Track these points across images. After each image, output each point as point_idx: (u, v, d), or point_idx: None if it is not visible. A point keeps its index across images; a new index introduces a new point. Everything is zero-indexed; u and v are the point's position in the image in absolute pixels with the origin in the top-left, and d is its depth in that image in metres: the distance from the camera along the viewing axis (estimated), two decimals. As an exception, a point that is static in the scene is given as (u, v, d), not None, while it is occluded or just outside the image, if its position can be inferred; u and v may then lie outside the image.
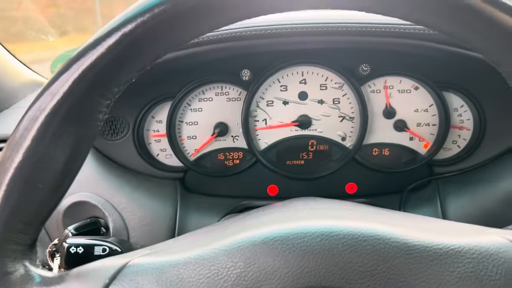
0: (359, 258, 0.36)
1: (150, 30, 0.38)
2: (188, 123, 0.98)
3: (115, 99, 0.41)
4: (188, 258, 0.38)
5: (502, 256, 0.37)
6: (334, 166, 0.97)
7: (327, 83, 0.94)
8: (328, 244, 0.37)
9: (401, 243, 0.37)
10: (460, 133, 0.96)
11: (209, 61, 0.88)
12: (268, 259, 0.36)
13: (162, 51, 0.42)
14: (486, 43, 0.44)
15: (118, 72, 0.40)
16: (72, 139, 0.38)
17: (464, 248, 0.38)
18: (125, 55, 0.39)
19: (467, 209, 0.89)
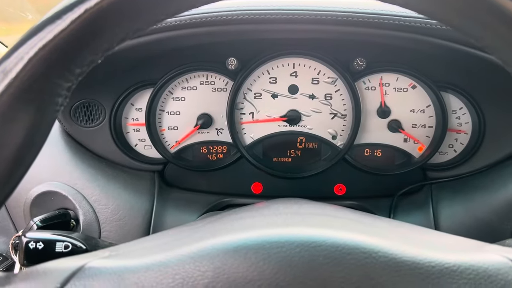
0: (341, 272, 0.32)
1: (118, 4, 0.33)
2: (170, 113, 0.91)
3: (77, 82, 0.37)
4: (151, 264, 0.34)
5: (502, 278, 0.33)
6: (322, 165, 0.91)
7: (319, 77, 0.88)
8: (308, 256, 0.33)
9: (389, 258, 0.34)
10: (458, 137, 0.90)
11: (193, 46, 0.82)
12: (240, 269, 0.32)
13: (131, 30, 0.37)
14: (498, 40, 0.40)
15: (80, 51, 0.35)
16: (25, 124, 0.34)
17: (460, 267, 0.34)
18: (89, 31, 0.34)
19: (460, 218, 0.84)
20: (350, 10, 0.72)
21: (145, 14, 0.36)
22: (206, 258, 0.33)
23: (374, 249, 0.34)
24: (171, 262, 0.34)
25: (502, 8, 0.38)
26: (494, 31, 0.42)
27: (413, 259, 0.34)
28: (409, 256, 0.34)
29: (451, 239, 0.50)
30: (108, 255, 0.41)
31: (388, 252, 0.34)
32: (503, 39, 0.42)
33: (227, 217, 0.55)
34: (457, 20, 0.42)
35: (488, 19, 0.41)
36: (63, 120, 0.89)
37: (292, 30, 0.75)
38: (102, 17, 0.34)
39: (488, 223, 0.82)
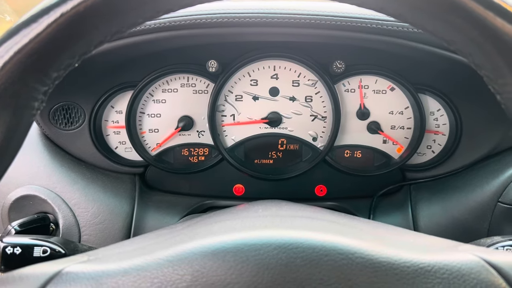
0: (319, 274, 0.33)
1: (95, 7, 0.33)
2: (150, 115, 0.91)
3: (54, 85, 0.36)
4: (129, 268, 0.34)
5: (474, 277, 0.34)
6: (304, 167, 0.92)
7: (299, 80, 0.89)
8: (286, 258, 0.34)
9: (366, 259, 0.34)
10: (436, 138, 0.92)
11: (173, 48, 0.81)
12: (219, 272, 0.32)
13: (109, 33, 0.37)
14: (470, 44, 0.41)
15: (56, 55, 0.35)
16: (1, 128, 0.34)
17: (434, 266, 0.35)
18: (65, 35, 0.34)
19: (438, 217, 0.85)
20: (329, 14, 0.72)
21: (123, 18, 0.36)
22: (185, 261, 0.34)
23: (351, 250, 0.34)
24: (149, 266, 0.34)
25: (472, 12, 0.38)
26: (465, 35, 0.42)
27: (389, 260, 0.35)
28: (385, 257, 0.35)
29: (427, 239, 0.51)
30: (86, 260, 0.40)
31: (364, 253, 0.35)
32: (475, 43, 0.43)
33: (206, 220, 0.55)
34: (428, 23, 0.42)
35: (458, 23, 0.41)
36: (42, 123, 0.88)
37: (272, 33, 0.76)
38: (79, 21, 0.34)
39: (465, 223, 0.83)
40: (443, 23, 0.41)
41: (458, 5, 0.40)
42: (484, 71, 0.45)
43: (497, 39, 0.41)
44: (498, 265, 0.36)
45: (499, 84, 0.43)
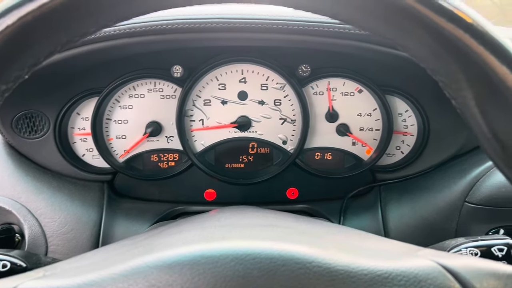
0: (276, 284, 0.33)
1: (43, 17, 0.32)
2: (117, 121, 0.90)
3: (3, 98, 0.35)
4: (83, 283, 0.34)
5: (431, 282, 0.34)
6: (274, 170, 0.92)
7: (268, 83, 0.89)
8: (243, 269, 0.34)
9: (323, 268, 0.34)
10: (404, 139, 0.93)
11: (138, 54, 0.80)
12: (175, 286, 0.32)
13: (59, 43, 0.36)
14: (424, 49, 0.41)
15: (4, 67, 0.34)
16: None
17: (391, 273, 0.35)
18: (12, 47, 0.33)
19: (407, 218, 0.86)
20: (291, 18, 0.72)
21: (73, 27, 0.35)
22: (141, 276, 0.33)
23: (308, 259, 0.34)
24: (104, 282, 0.33)
25: (423, 18, 0.38)
26: (418, 40, 0.42)
27: (347, 268, 0.34)
28: (342, 264, 0.34)
29: (387, 244, 0.51)
30: (42, 275, 0.39)
31: (322, 261, 0.34)
32: (428, 48, 0.43)
33: (167, 231, 0.54)
34: (381, 28, 0.42)
35: (410, 28, 0.41)
36: (5, 132, 0.85)
37: (236, 38, 0.75)
38: (26, 32, 0.32)
39: (433, 223, 0.84)
40: (396, 28, 0.41)
41: (409, 11, 0.40)
42: (439, 76, 0.45)
43: (450, 44, 0.41)
44: (455, 270, 0.36)
45: (454, 89, 0.43)
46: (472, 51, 0.40)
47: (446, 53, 0.41)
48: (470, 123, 0.43)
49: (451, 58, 0.40)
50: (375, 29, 0.43)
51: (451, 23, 0.39)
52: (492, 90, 0.39)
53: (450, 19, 0.38)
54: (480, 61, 0.39)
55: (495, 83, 0.39)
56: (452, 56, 0.41)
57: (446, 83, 0.44)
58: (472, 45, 0.40)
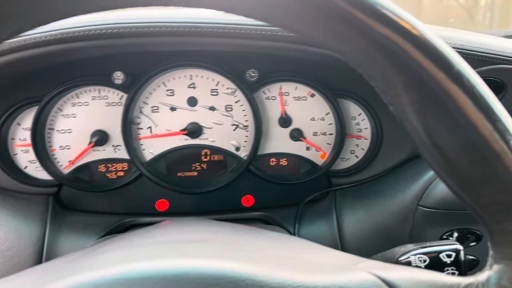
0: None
1: None
2: (60, 131, 0.85)
3: None
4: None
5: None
6: (227, 178, 0.89)
7: (218, 88, 0.86)
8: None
9: (257, 286, 0.33)
10: (358, 143, 0.92)
11: (77, 60, 0.76)
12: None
13: None
14: (359, 55, 0.40)
15: None
16: None
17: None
18: None
19: (362, 223, 0.85)
20: (234, 22, 0.70)
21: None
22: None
23: (241, 277, 0.33)
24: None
25: (357, 22, 0.37)
26: (353, 45, 0.41)
27: (282, 284, 0.33)
28: (277, 281, 0.33)
29: (330, 255, 0.49)
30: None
31: (255, 279, 0.33)
32: (363, 54, 0.42)
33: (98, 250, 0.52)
34: (314, 33, 0.40)
35: (344, 33, 0.40)
36: None
37: (179, 43, 0.72)
38: None
39: (388, 227, 0.83)
40: (329, 32, 0.40)
41: (342, 14, 0.39)
42: (374, 81, 0.44)
43: (384, 48, 0.40)
44: (394, 283, 0.35)
45: (390, 95, 0.42)
46: (408, 56, 0.39)
47: (381, 57, 0.40)
48: (408, 130, 0.42)
49: (386, 63, 0.39)
50: (308, 34, 0.41)
51: (385, 26, 0.38)
52: (429, 96, 0.37)
53: (384, 22, 0.36)
54: (416, 66, 0.39)
55: (432, 88, 0.38)
56: (387, 61, 0.40)
57: (382, 89, 0.43)
58: (407, 49, 0.39)
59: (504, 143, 0.31)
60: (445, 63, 0.34)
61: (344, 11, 0.37)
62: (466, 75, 0.33)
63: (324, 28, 0.38)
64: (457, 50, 0.76)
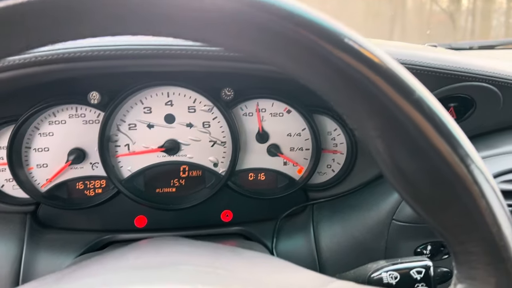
0: None
1: None
2: (37, 150, 0.85)
3: None
4: None
5: None
6: (206, 194, 0.90)
7: (195, 106, 0.87)
8: None
9: None
10: (334, 157, 0.93)
11: (53, 81, 0.76)
12: None
13: None
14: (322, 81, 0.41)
15: None
16: None
17: None
18: None
19: (339, 237, 0.86)
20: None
21: None
22: None
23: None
24: None
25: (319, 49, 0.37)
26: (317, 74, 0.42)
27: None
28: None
29: (300, 276, 0.50)
30: None
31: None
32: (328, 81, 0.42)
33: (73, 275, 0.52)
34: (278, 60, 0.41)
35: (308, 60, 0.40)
36: None
37: (150, 65, 0.73)
38: None
39: (364, 242, 0.85)
40: (292, 60, 0.40)
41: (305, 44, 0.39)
42: (340, 108, 0.45)
43: (347, 77, 0.40)
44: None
45: (354, 119, 0.42)
46: (370, 83, 0.40)
47: (344, 85, 0.40)
48: (372, 153, 0.43)
49: (349, 90, 0.40)
50: (271, 61, 0.42)
51: (348, 55, 0.39)
52: (391, 122, 0.38)
53: (347, 51, 0.37)
54: (378, 92, 0.39)
55: (394, 114, 0.39)
56: (350, 88, 0.41)
57: (347, 114, 0.44)
58: (369, 77, 0.40)
59: (465, 167, 0.32)
60: (405, 88, 0.34)
61: (308, 40, 0.38)
62: (426, 101, 0.34)
63: (285, 55, 0.39)
64: (428, 69, 0.78)
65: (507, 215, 0.34)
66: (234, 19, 0.34)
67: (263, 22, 0.34)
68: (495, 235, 0.32)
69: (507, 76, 0.81)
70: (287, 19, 0.34)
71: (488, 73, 0.80)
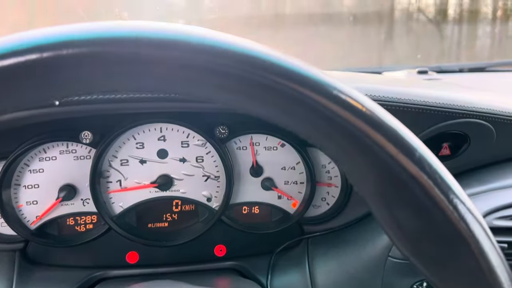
0: None
1: None
2: (27, 186, 0.83)
3: None
4: None
5: None
6: (200, 228, 0.88)
7: (188, 140, 0.86)
8: None
9: None
10: (329, 190, 0.92)
11: (42, 122, 0.75)
12: None
13: None
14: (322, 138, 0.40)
15: None
16: None
17: None
18: None
19: (334, 274, 0.85)
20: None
21: None
22: None
23: None
24: None
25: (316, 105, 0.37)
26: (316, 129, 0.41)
27: None
28: None
29: None
30: None
31: None
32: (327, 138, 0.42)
33: None
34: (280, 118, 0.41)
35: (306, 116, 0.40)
36: None
37: (143, 107, 0.72)
38: None
39: (359, 278, 0.84)
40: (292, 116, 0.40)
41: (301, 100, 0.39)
42: (340, 164, 0.44)
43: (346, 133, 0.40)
44: None
45: (354, 176, 0.42)
46: (368, 138, 0.39)
47: (344, 141, 0.40)
48: (372, 210, 0.43)
49: (349, 146, 0.40)
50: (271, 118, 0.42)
51: (346, 110, 0.38)
52: (391, 177, 0.38)
53: (345, 108, 0.37)
54: (378, 149, 0.39)
55: (394, 170, 0.39)
56: (350, 144, 0.40)
57: (347, 171, 0.44)
58: (368, 132, 0.39)
59: (465, 225, 0.32)
60: (405, 146, 0.34)
61: (304, 96, 0.38)
62: (428, 160, 0.34)
63: (284, 111, 0.38)
64: (422, 107, 0.78)
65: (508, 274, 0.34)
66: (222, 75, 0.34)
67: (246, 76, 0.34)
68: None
69: (501, 111, 0.82)
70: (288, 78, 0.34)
71: (482, 109, 0.80)
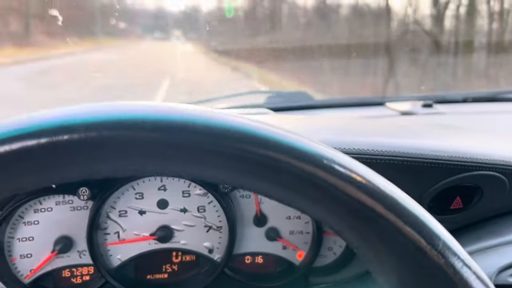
0: None
1: None
2: (21, 239, 0.80)
3: None
4: None
5: None
6: (202, 281, 0.85)
7: (190, 190, 0.83)
8: None
9: None
10: (336, 240, 0.89)
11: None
12: None
13: None
14: (336, 220, 0.41)
15: None
16: None
17: None
18: None
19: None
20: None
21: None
22: None
23: None
24: None
25: (325, 185, 0.36)
26: (329, 210, 0.41)
27: None
28: None
29: None
30: None
31: None
32: (342, 221, 0.42)
33: None
34: (292, 199, 0.41)
35: (320, 198, 0.40)
36: None
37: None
38: None
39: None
40: (304, 199, 0.40)
41: (313, 182, 0.38)
42: (356, 248, 0.45)
43: (359, 214, 0.40)
44: None
45: (371, 259, 0.43)
46: (383, 219, 0.39)
47: (358, 223, 0.40)
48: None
49: (365, 228, 0.40)
50: (283, 200, 0.42)
51: (353, 187, 0.38)
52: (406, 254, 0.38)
53: (364, 192, 0.37)
54: (391, 227, 0.39)
55: (408, 248, 0.39)
56: (365, 226, 0.40)
57: (363, 254, 0.44)
58: (380, 211, 0.40)
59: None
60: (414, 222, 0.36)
61: (317, 178, 0.37)
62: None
63: (297, 192, 0.39)
64: (435, 161, 0.75)
65: None
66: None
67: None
68: None
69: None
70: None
71: (494, 161, 0.77)
